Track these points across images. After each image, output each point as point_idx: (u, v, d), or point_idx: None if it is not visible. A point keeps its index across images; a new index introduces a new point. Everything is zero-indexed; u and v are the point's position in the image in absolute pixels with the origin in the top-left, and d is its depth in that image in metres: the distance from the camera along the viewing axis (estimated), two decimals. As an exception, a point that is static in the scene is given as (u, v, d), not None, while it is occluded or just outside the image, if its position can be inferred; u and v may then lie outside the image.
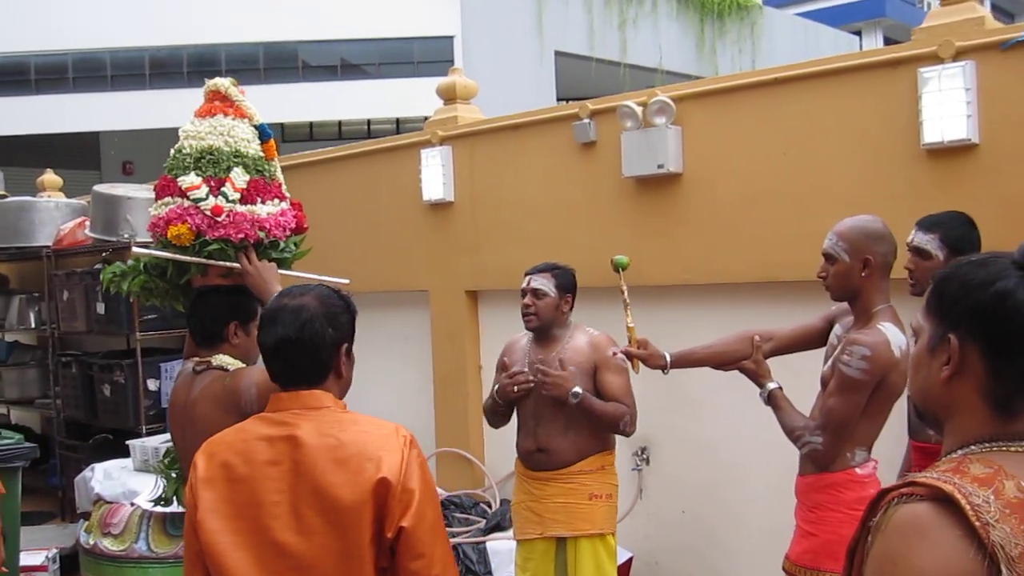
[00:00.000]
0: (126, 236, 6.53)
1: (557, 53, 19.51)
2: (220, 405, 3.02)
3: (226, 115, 3.48)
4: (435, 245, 6.14)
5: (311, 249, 3.81)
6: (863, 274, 3.03)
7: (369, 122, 21.53)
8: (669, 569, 5.14)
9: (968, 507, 1.33)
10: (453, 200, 5.98)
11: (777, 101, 4.53)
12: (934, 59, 3.97)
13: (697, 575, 5.00)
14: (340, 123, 21.93)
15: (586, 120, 5.15)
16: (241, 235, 3.31)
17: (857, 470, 3.06)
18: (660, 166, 4.75)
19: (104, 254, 6.94)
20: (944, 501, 1.36)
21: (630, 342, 3.61)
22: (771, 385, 3.28)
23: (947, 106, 3.90)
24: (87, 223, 7.01)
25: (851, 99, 4.30)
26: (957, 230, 3.32)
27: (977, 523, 1.32)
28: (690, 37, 21.71)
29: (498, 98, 13.99)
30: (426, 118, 6.23)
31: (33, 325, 8.25)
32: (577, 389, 3.78)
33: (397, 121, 20.47)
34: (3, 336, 8.61)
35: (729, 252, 4.68)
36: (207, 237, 3.28)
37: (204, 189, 3.31)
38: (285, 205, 3.53)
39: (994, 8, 37.14)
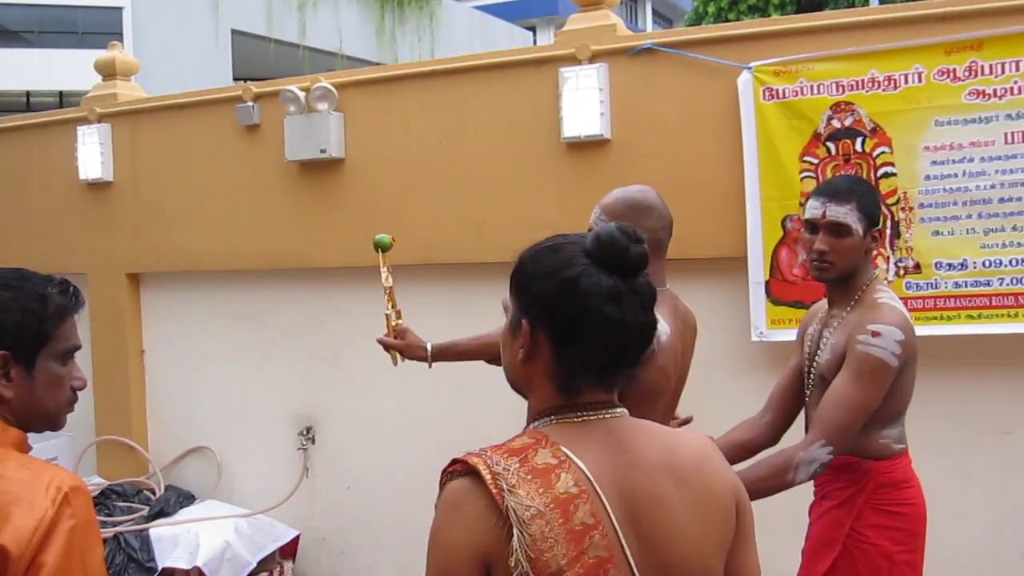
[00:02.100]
0: None
1: (234, 32, 19.01)
2: None
3: None
4: (93, 226, 5.88)
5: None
6: None
7: (28, 93, 20.02)
8: (336, 544, 5.27)
9: (489, 476, 1.42)
10: (112, 180, 5.76)
11: (435, 92, 4.74)
12: (573, 60, 4.32)
13: (365, 547, 5.16)
14: (-4, 93, 20.24)
15: (250, 103, 5.14)
16: None
17: None
18: (322, 151, 4.85)
19: None
20: (475, 474, 1.45)
21: (388, 331, 3.18)
22: None
23: (583, 104, 4.25)
24: None
25: (502, 93, 4.58)
26: (871, 197, 2.81)
27: (494, 490, 1.41)
28: (370, 23, 21.84)
29: (172, 75, 13.51)
30: (94, 93, 5.96)
31: None
32: None
33: (61, 94, 19.17)
34: None
35: (390, 236, 4.85)
36: None
37: None
38: None
39: (655, 13, 40.16)
